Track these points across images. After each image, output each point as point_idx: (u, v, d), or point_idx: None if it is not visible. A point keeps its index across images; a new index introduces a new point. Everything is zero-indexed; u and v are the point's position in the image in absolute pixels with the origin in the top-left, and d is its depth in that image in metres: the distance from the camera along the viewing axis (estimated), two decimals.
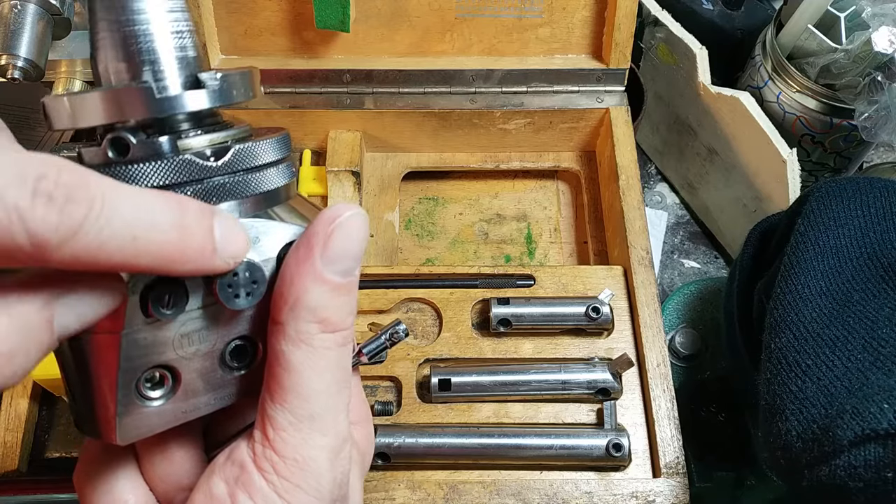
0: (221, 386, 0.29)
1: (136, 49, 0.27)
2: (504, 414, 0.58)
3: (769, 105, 0.76)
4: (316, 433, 0.28)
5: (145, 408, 0.27)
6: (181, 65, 0.27)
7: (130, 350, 0.26)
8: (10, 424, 0.58)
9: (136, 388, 0.27)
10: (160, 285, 0.25)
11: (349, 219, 0.27)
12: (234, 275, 0.26)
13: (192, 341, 0.27)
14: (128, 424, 0.27)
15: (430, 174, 0.79)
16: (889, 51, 0.66)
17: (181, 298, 0.26)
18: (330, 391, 0.28)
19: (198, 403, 0.29)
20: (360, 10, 0.69)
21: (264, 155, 0.28)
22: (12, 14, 0.69)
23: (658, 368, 0.58)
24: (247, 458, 0.27)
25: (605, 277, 0.64)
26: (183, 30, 0.28)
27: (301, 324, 0.27)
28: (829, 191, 0.52)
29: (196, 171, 0.26)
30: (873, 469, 0.40)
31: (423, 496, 0.54)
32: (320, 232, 0.27)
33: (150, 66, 0.27)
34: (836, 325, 0.46)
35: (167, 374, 0.28)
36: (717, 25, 0.86)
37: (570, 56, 0.73)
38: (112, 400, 0.26)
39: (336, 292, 0.27)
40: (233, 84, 0.28)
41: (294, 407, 0.27)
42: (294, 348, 0.27)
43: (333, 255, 0.27)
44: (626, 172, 0.68)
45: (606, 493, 0.53)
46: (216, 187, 0.27)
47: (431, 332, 0.62)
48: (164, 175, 0.26)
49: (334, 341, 0.28)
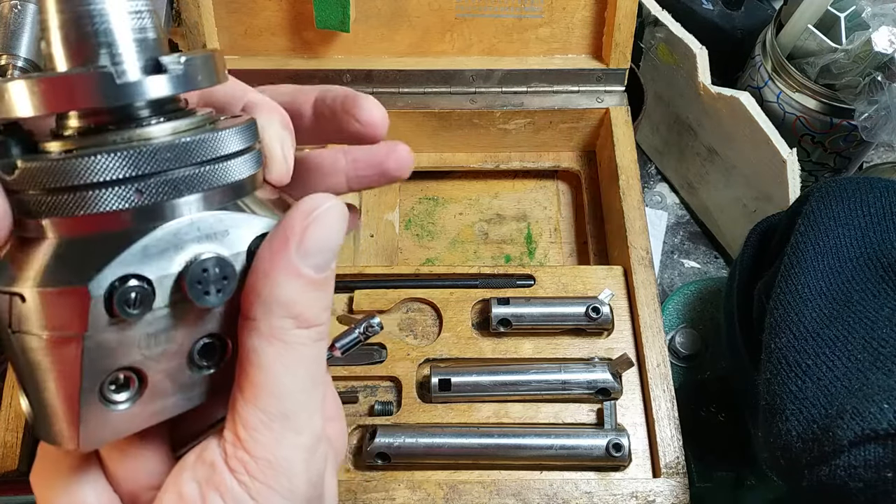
0: (190, 386, 0.27)
1: (91, 30, 0.25)
2: (504, 414, 0.58)
3: (769, 105, 0.76)
4: (289, 432, 0.27)
5: (110, 412, 0.25)
6: (140, 47, 0.25)
7: (94, 353, 0.24)
8: (10, 424, 0.58)
9: (99, 393, 0.25)
10: (125, 283, 0.24)
11: (327, 211, 0.26)
12: (204, 270, 0.25)
13: (159, 341, 0.26)
14: (91, 431, 0.25)
15: (430, 174, 0.79)
16: (889, 51, 0.66)
17: (148, 297, 0.24)
18: (304, 389, 0.27)
19: (165, 405, 0.27)
20: (360, 10, 0.69)
21: (230, 144, 0.27)
22: (12, 14, 0.69)
23: (658, 368, 0.58)
24: (218, 458, 0.27)
25: (605, 277, 0.64)
26: (142, 9, 0.26)
27: (274, 319, 0.26)
28: (829, 191, 0.52)
29: (156, 162, 0.24)
30: (873, 469, 0.40)
31: (423, 496, 0.54)
32: (296, 224, 0.26)
33: (108, 49, 0.25)
34: (836, 325, 0.46)
35: (133, 376, 0.26)
36: (717, 25, 0.86)
37: (569, 56, 0.73)
38: (73, 406, 0.25)
39: (311, 287, 0.26)
40: (196, 68, 0.26)
41: (266, 406, 0.26)
42: (266, 345, 0.26)
43: (310, 249, 0.26)
44: (626, 172, 0.68)
45: (606, 493, 0.53)
46: (178, 179, 0.25)
47: (431, 332, 0.62)
48: (121, 168, 0.24)
49: (309, 337, 0.27)
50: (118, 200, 0.24)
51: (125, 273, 0.24)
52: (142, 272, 0.24)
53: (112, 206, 0.24)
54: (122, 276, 0.24)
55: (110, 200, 0.24)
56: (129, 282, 0.24)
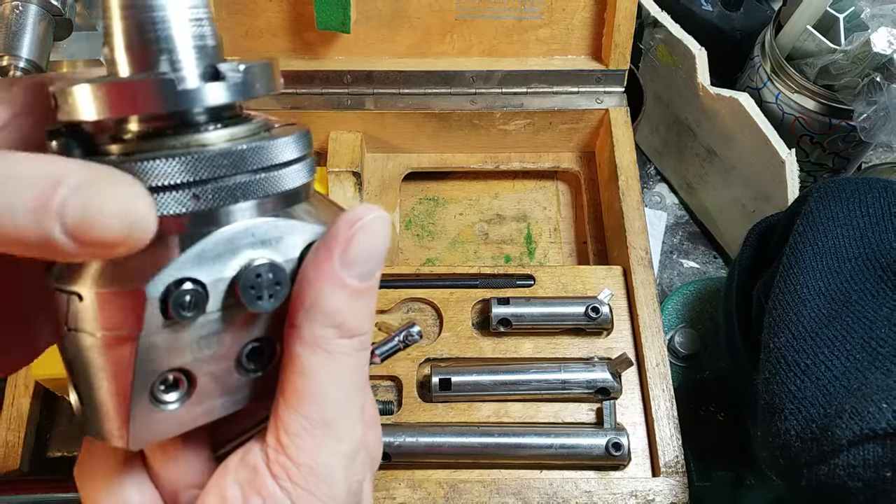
0: (236, 388, 0.28)
1: (152, 37, 0.25)
2: (504, 413, 0.58)
3: (768, 106, 0.76)
4: (331, 440, 0.27)
5: (159, 412, 0.26)
6: (200, 54, 0.26)
7: (147, 353, 0.25)
8: (12, 424, 0.58)
9: (150, 393, 0.26)
10: (181, 286, 0.24)
11: (372, 221, 0.26)
12: (258, 276, 0.25)
13: (210, 344, 0.26)
14: (141, 429, 0.26)
15: (430, 175, 0.79)
16: (888, 52, 0.66)
17: (202, 300, 0.25)
18: (346, 397, 0.27)
19: (212, 406, 0.28)
20: (360, 12, 0.70)
21: (286, 152, 0.27)
22: (14, 15, 0.69)
23: (657, 368, 0.58)
24: (260, 463, 0.27)
25: (605, 277, 0.64)
26: (202, 17, 0.26)
27: (318, 328, 0.26)
28: (827, 191, 0.52)
29: (213, 168, 0.25)
30: (872, 468, 0.40)
31: (424, 495, 0.54)
32: (341, 234, 0.26)
33: (168, 56, 0.25)
34: (834, 324, 0.46)
35: (182, 378, 0.26)
36: (717, 26, 0.86)
37: (569, 57, 0.74)
38: (125, 405, 0.25)
39: (355, 297, 0.27)
40: (255, 76, 0.26)
41: (309, 412, 0.27)
42: (310, 353, 0.26)
43: (354, 259, 0.26)
44: (625, 173, 0.68)
45: (606, 493, 0.54)
46: (234, 186, 0.25)
47: (432, 332, 0.62)
48: (179, 173, 0.24)
49: (351, 347, 0.27)
50: (175, 205, 0.25)
51: (181, 276, 0.24)
52: (197, 276, 0.25)
53: (169, 210, 0.24)
54: (177, 280, 0.24)
55: (167, 204, 0.24)
56: (184, 285, 0.24)
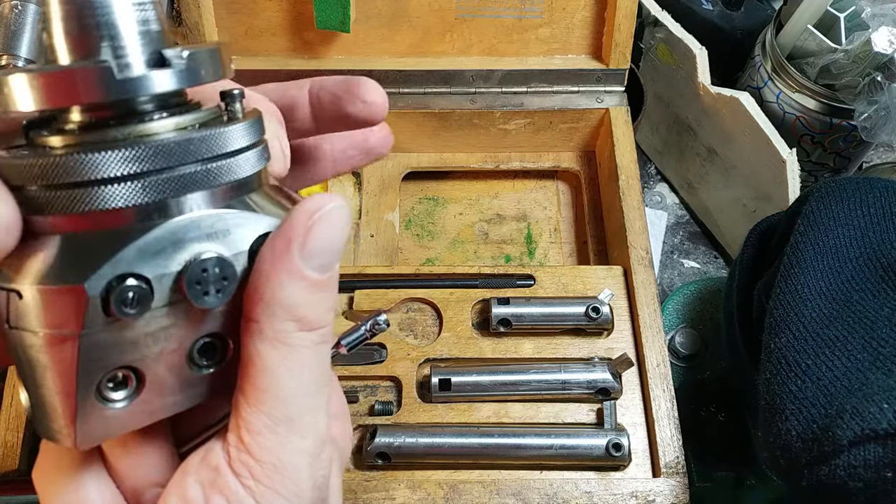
0: (190, 385, 0.27)
1: (93, 22, 0.24)
2: (504, 414, 0.58)
3: (769, 105, 0.76)
4: (294, 436, 0.26)
5: (107, 410, 0.25)
6: (144, 40, 0.25)
7: (90, 352, 0.24)
8: (11, 424, 0.58)
9: (96, 391, 0.25)
10: (123, 283, 0.23)
11: (331, 211, 0.26)
12: (204, 270, 0.25)
13: (157, 340, 0.25)
14: (88, 428, 0.25)
15: (430, 174, 0.79)
16: (888, 51, 0.66)
17: (146, 296, 0.24)
18: (308, 392, 0.27)
19: (164, 404, 0.27)
20: (360, 11, 0.69)
21: (235, 140, 0.26)
22: (13, 14, 0.69)
23: (658, 368, 0.58)
24: (222, 462, 0.26)
25: (605, 277, 0.64)
26: (145, 0, 0.25)
27: (277, 322, 0.26)
28: (828, 191, 0.52)
29: (158, 159, 0.24)
30: (873, 469, 0.40)
31: (424, 496, 0.54)
32: (299, 225, 0.25)
33: (110, 42, 0.24)
34: (835, 324, 0.46)
35: (131, 375, 0.26)
36: (717, 26, 0.86)
37: (569, 56, 0.73)
38: (70, 403, 0.24)
39: (315, 289, 0.26)
40: (201, 62, 0.25)
41: (270, 409, 0.26)
42: (270, 348, 0.26)
43: (313, 250, 0.25)
44: (625, 172, 0.68)
45: (606, 493, 0.53)
46: (182, 177, 0.24)
47: (431, 332, 0.62)
48: (122, 165, 0.23)
49: (312, 340, 0.26)
50: (119, 198, 0.24)
51: (123, 272, 0.24)
52: (140, 271, 0.24)
53: (113, 203, 0.24)
54: (119, 275, 0.24)
55: (111, 198, 0.24)
56: (126, 281, 0.24)
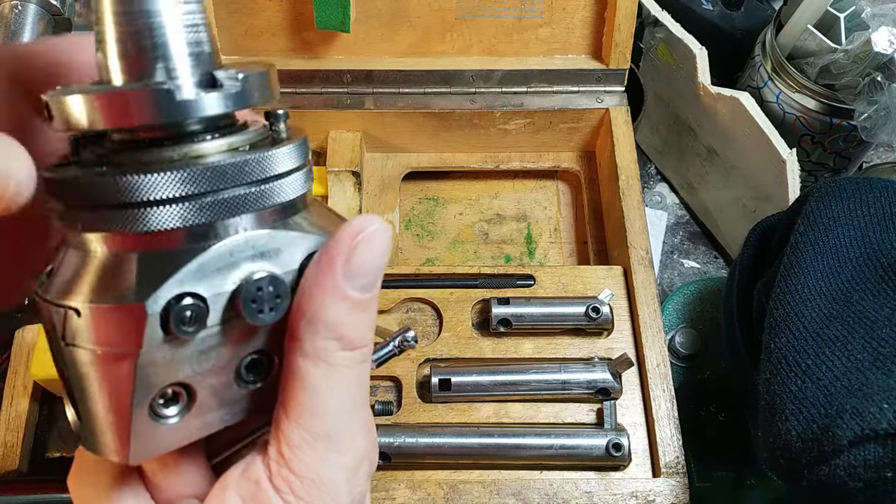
0: (235, 401, 0.28)
1: (148, 44, 0.25)
2: (504, 414, 0.58)
3: (769, 105, 0.76)
4: (333, 452, 0.27)
5: (159, 426, 0.26)
6: (196, 62, 0.25)
7: (146, 370, 0.24)
8: (11, 424, 0.58)
9: (150, 408, 0.25)
10: (181, 301, 0.24)
11: (374, 233, 0.26)
12: (259, 289, 0.25)
13: (210, 357, 0.26)
14: (140, 444, 0.25)
15: (430, 174, 0.79)
16: (888, 51, 0.66)
17: (203, 315, 0.25)
18: (348, 410, 0.27)
19: (211, 419, 0.27)
20: (360, 11, 0.69)
21: (284, 162, 0.27)
22: (13, 14, 0.69)
23: (658, 368, 0.58)
24: (262, 476, 0.27)
25: (605, 277, 0.64)
26: (198, 22, 0.26)
27: (319, 340, 0.26)
28: (828, 191, 0.52)
29: (212, 181, 0.25)
30: (873, 469, 0.40)
31: (424, 496, 0.54)
32: (344, 245, 0.26)
33: (164, 63, 0.25)
34: (835, 324, 0.46)
35: (182, 391, 0.26)
36: (717, 26, 0.86)
37: (569, 56, 0.73)
38: (125, 421, 0.25)
39: (356, 308, 0.26)
40: (253, 85, 0.26)
41: (311, 425, 0.26)
42: (311, 365, 0.26)
43: (356, 270, 0.26)
44: (625, 172, 0.68)
45: (606, 493, 0.53)
46: (233, 198, 0.25)
47: (431, 332, 0.62)
48: (176, 187, 0.24)
49: (353, 359, 0.27)
50: (174, 219, 0.24)
51: (181, 291, 0.24)
52: (197, 290, 0.24)
53: (168, 224, 0.24)
54: (178, 295, 0.24)
55: (166, 218, 0.24)
56: (184, 300, 0.24)
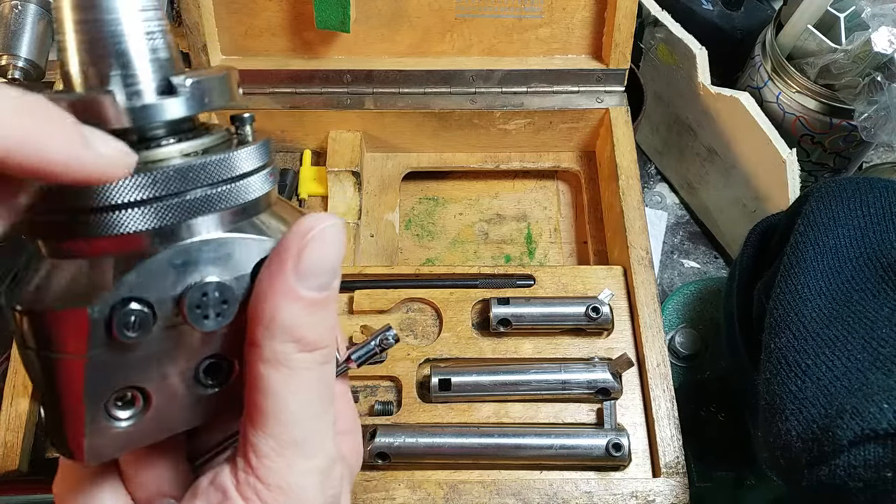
0: (196, 404, 0.28)
1: (106, 52, 0.25)
2: (504, 414, 0.58)
3: (769, 105, 0.76)
4: (300, 458, 0.26)
5: (114, 429, 0.26)
6: (153, 68, 0.26)
7: (96, 373, 0.25)
8: (11, 424, 0.58)
9: (104, 410, 0.26)
10: (125, 307, 0.24)
11: (324, 230, 0.26)
12: (204, 295, 0.25)
13: (163, 361, 0.26)
14: (96, 445, 0.26)
15: (430, 174, 0.79)
16: (888, 51, 0.66)
17: (147, 320, 0.25)
18: (313, 413, 0.27)
19: (171, 421, 0.27)
20: (360, 11, 0.69)
21: (241, 165, 0.27)
22: (13, 14, 0.69)
23: (658, 368, 0.58)
24: (230, 485, 0.26)
25: (605, 277, 0.64)
26: (155, 30, 0.26)
27: (277, 344, 0.26)
28: (828, 191, 0.52)
29: (165, 185, 0.25)
30: (873, 469, 0.40)
31: (424, 496, 0.54)
32: (293, 246, 0.25)
33: (121, 71, 0.25)
34: (835, 324, 0.46)
35: (138, 394, 0.26)
36: (717, 26, 0.86)
37: (569, 56, 0.73)
38: (79, 422, 0.25)
39: (312, 309, 0.26)
40: (207, 89, 0.26)
41: (275, 432, 0.26)
42: (272, 370, 0.26)
43: (308, 270, 0.25)
44: (625, 173, 0.68)
45: (606, 493, 0.53)
46: (189, 202, 0.25)
47: (431, 332, 0.62)
48: (130, 191, 0.24)
49: (314, 360, 0.26)
50: (125, 224, 0.24)
51: (126, 296, 0.24)
52: (143, 295, 0.25)
53: (119, 229, 0.24)
54: (123, 299, 0.24)
55: (117, 224, 0.24)
56: (129, 305, 0.24)
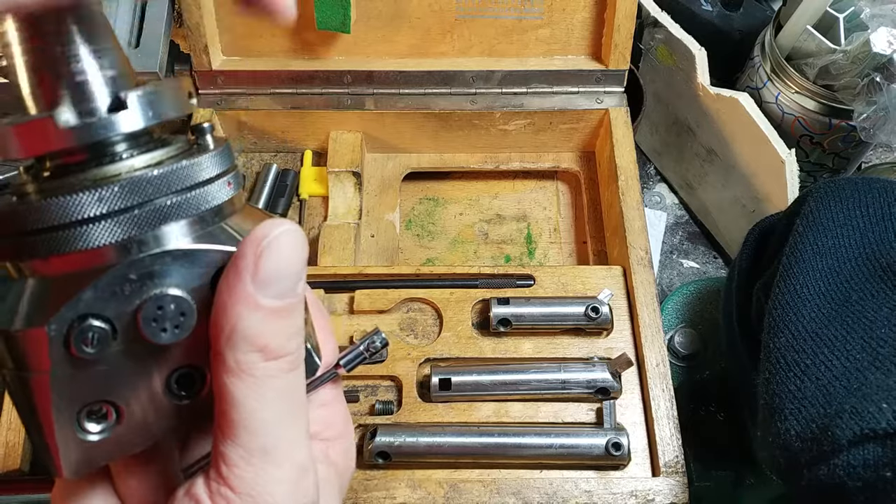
0: (171, 414, 0.28)
1: (53, 73, 0.25)
2: (504, 413, 0.58)
3: (768, 106, 0.76)
4: (269, 466, 0.26)
5: (86, 442, 0.26)
6: (102, 85, 0.26)
7: (61, 389, 0.25)
8: (13, 424, 0.58)
9: (77, 424, 0.26)
10: (83, 323, 0.25)
11: (279, 236, 0.25)
12: (160, 308, 0.25)
13: (130, 375, 0.26)
14: (72, 459, 0.26)
15: (430, 174, 0.79)
16: (887, 52, 0.66)
17: (105, 336, 0.25)
18: (281, 421, 0.26)
19: (147, 433, 0.27)
20: (360, 12, 0.70)
21: (198, 173, 0.27)
22: None
23: (657, 368, 0.58)
24: (202, 495, 0.26)
25: (605, 277, 0.64)
26: (102, 47, 0.26)
27: (240, 354, 0.25)
28: (827, 191, 0.52)
29: (126, 197, 0.25)
30: (872, 468, 0.40)
31: (424, 495, 0.54)
32: (248, 254, 0.25)
33: (69, 91, 0.26)
34: (834, 324, 0.46)
35: (109, 408, 0.26)
36: (716, 26, 0.86)
37: (569, 57, 0.74)
38: (51, 438, 0.26)
39: (274, 317, 0.25)
40: (156, 102, 0.26)
41: (244, 441, 0.26)
42: (236, 380, 0.25)
43: (266, 278, 0.25)
44: (625, 173, 0.68)
45: (606, 492, 0.54)
46: (150, 212, 0.25)
47: (432, 332, 0.62)
48: (92, 206, 0.24)
49: (279, 369, 0.26)
50: (80, 240, 0.24)
51: (83, 312, 0.25)
52: (101, 311, 0.25)
53: (73, 246, 0.24)
54: (80, 316, 0.24)
55: (71, 240, 0.24)
56: (87, 321, 0.24)
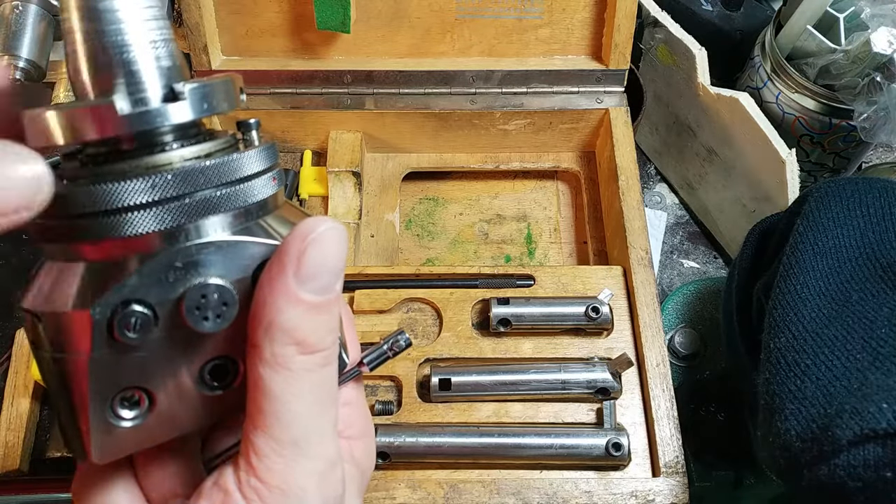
0: (202, 405, 0.28)
1: (111, 61, 0.26)
2: (504, 413, 0.58)
3: (768, 106, 0.76)
4: (301, 458, 0.27)
5: (119, 428, 0.27)
6: (158, 76, 0.27)
7: (100, 373, 0.26)
8: (12, 424, 0.58)
9: (110, 409, 0.26)
10: (127, 308, 0.25)
11: (324, 233, 0.26)
12: (203, 296, 0.25)
13: (166, 363, 0.27)
14: (103, 444, 0.26)
15: (430, 174, 0.79)
16: (888, 51, 0.66)
17: (147, 322, 0.25)
18: (313, 415, 0.27)
19: (177, 423, 0.28)
20: (360, 11, 0.70)
21: (247, 167, 0.27)
22: (14, 15, 0.69)
23: (657, 368, 0.58)
24: (231, 486, 0.27)
25: (605, 277, 0.64)
26: (158, 39, 0.27)
27: (277, 347, 0.26)
28: (827, 191, 0.52)
29: (177, 186, 0.25)
30: (872, 469, 0.40)
31: (424, 495, 0.54)
32: (293, 249, 0.26)
33: (125, 79, 0.26)
34: (835, 324, 0.46)
35: (143, 395, 0.27)
36: (717, 26, 0.86)
37: (569, 57, 0.73)
38: (84, 422, 0.26)
39: (313, 312, 0.26)
40: (208, 95, 0.27)
41: (276, 433, 0.26)
42: (272, 372, 0.26)
43: (308, 273, 0.26)
44: (625, 173, 0.68)
45: (606, 493, 0.54)
46: (200, 202, 0.26)
47: (431, 332, 0.62)
48: (143, 193, 0.25)
49: (314, 363, 0.27)
50: (130, 226, 0.25)
51: (127, 298, 0.25)
52: (144, 297, 0.25)
53: (123, 231, 0.25)
54: (124, 301, 0.25)
55: (120, 226, 0.25)
56: (130, 306, 0.25)
